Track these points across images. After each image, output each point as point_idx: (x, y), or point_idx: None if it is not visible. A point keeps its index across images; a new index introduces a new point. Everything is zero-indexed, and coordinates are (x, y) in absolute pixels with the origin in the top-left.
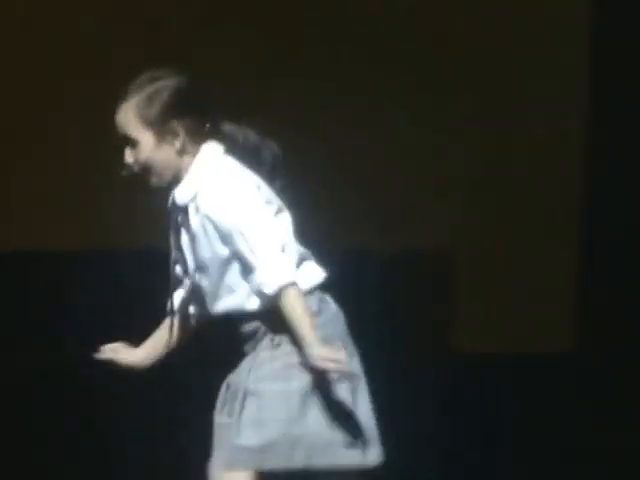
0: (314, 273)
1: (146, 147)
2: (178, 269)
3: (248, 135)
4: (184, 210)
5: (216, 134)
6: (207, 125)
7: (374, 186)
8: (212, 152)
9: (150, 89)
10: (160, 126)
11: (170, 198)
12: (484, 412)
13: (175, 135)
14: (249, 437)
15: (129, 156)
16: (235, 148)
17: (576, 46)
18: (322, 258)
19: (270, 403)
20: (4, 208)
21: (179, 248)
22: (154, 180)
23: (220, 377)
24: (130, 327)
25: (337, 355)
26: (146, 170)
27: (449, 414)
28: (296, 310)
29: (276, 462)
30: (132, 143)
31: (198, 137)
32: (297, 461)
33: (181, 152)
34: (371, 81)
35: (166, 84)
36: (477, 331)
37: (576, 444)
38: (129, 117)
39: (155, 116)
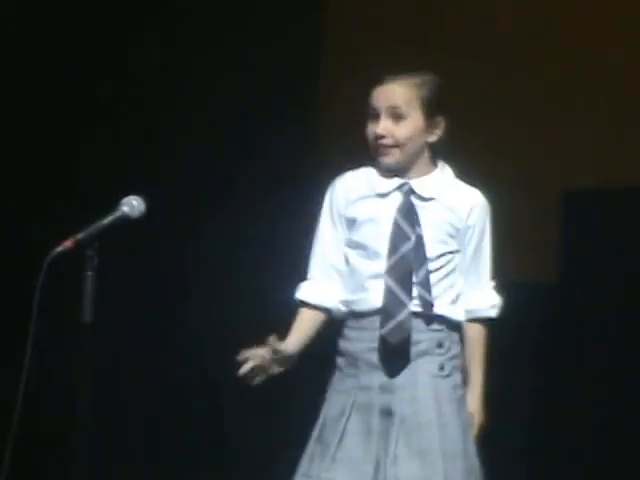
0: None
1: (415, 125)
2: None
3: None
4: (423, 201)
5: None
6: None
7: None
8: (447, 168)
9: (429, 77)
10: (431, 114)
11: (405, 186)
12: None
13: (436, 129)
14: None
15: (387, 126)
16: None
17: None
18: None
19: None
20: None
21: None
22: (395, 157)
23: None
24: None
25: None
26: (397, 144)
27: None
28: (487, 342)
29: None
30: (398, 117)
31: (443, 144)
32: None
33: (429, 145)
34: None
35: (437, 79)
36: None
37: None
38: (406, 92)
39: (432, 103)
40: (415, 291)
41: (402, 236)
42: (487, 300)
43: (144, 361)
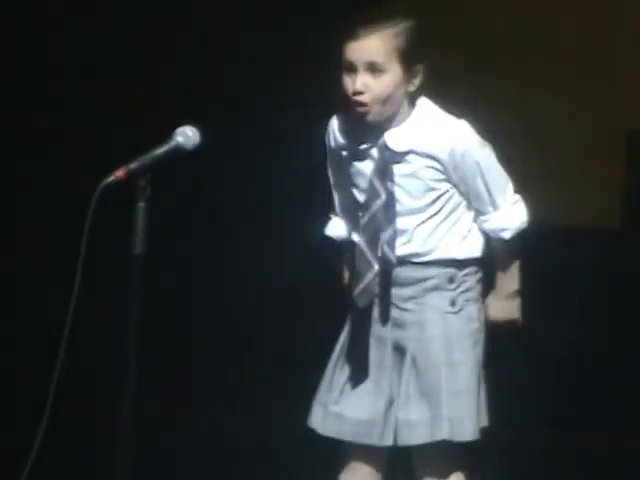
0: None
1: (394, 79)
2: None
3: None
4: (399, 155)
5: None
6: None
7: None
8: (425, 102)
9: (405, 23)
10: (410, 64)
11: (380, 141)
12: None
13: (415, 78)
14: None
15: (365, 82)
16: None
17: None
18: None
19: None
20: None
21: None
22: (375, 114)
23: None
24: None
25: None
26: (379, 101)
27: None
28: (516, 251)
29: None
30: (377, 71)
31: (421, 89)
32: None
33: (409, 94)
34: None
35: (416, 23)
36: None
37: None
38: (384, 45)
39: (410, 52)
40: (379, 250)
41: (374, 194)
42: (498, 222)
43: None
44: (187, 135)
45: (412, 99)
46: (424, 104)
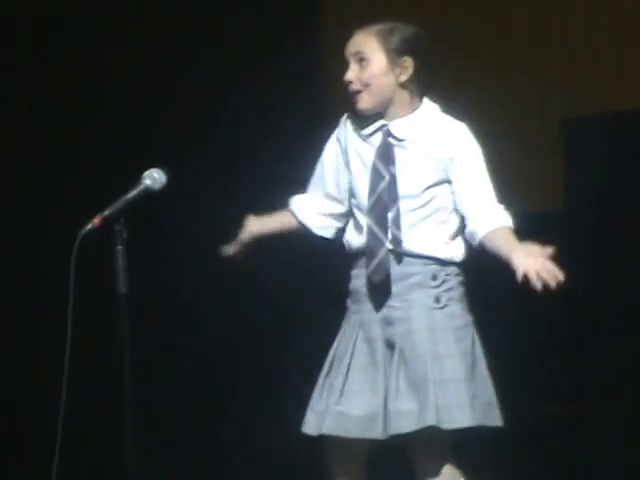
0: None
1: (377, 66)
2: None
3: None
4: (400, 141)
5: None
6: (427, 79)
7: None
8: (433, 105)
9: (393, 25)
10: (396, 55)
11: (383, 129)
12: None
13: (405, 69)
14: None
15: (354, 71)
16: None
17: None
18: None
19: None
20: None
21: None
22: (365, 101)
23: None
24: None
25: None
26: (365, 87)
27: None
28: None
29: None
30: (362, 61)
31: (419, 84)
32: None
33: (402, 85)
34: None
35: (407, 27)
36: None
37: None
38: (368, 38)
39: (395, 44)
40: (389, 230)
41: (378, 176)
42: (478, 223)
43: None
44: (154, 177)
45: (414, 95)
46: (429, 106)
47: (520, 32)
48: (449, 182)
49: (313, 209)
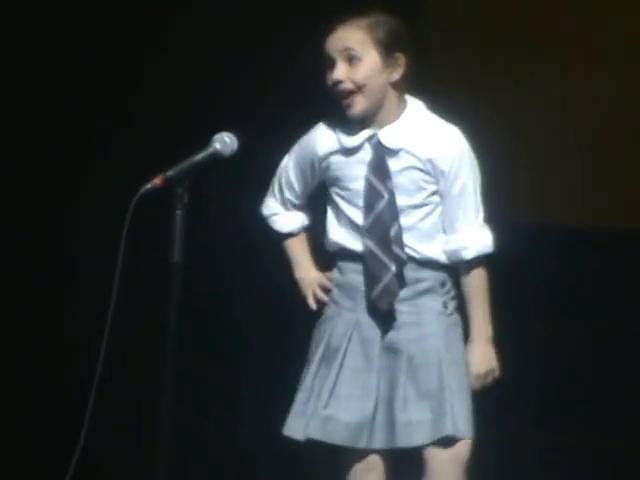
0: None
1: (371, 65)
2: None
3: None
4: (393, 152)
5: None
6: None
7: None
8: (418, 103)
9: (382, 17)
10: (388, 51)
11: (373, 139)
12: None
13: (397, 66)
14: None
15: (343, 71)
16: None
17: None
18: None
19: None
20: None
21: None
22: (359, 105)
23: None
24: None
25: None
26: (359, 89)
27: None
28: (485, 284)
29: None
30: (353, 59)
31: (407, 81)
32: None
33: (393, 85)
34: None
35: (393, 18)
36: None
37: None
38: (357, 34)
39: (387, 39)
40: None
41: (375, 194)
42: (460, 242)
43: None
44: (224, 142)
45: (401, 96)
46: (415, 104)
47: None
48: (438, 194)
49: (289, 219)
